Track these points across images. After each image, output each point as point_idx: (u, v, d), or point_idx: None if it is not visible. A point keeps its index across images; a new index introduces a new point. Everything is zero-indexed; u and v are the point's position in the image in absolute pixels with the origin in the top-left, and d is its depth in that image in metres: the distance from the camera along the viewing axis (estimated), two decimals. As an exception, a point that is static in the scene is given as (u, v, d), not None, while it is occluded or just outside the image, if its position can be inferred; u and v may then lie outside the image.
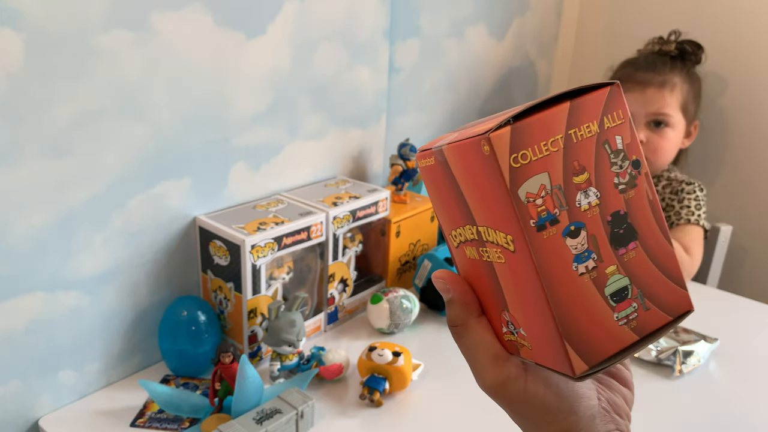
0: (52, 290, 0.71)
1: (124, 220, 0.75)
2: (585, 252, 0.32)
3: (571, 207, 0.32)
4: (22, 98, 0.63)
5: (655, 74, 1.21)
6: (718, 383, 0.84)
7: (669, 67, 1.22)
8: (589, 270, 0.32)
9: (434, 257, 0.96)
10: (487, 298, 0.37)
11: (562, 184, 0.32)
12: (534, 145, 0.31)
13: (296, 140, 0.95)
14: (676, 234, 1.17)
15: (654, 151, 1.21)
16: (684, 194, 1.20)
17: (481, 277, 0.36)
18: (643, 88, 1.21)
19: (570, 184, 0.32)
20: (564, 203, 0.32)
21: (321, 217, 0.86)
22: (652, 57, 1.25)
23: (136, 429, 0.72)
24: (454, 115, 1.34)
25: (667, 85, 1.20)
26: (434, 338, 0.91)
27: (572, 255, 0.32)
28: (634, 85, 1.22)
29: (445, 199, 0.37)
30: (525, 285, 0.33)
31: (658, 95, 1.19)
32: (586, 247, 0.32)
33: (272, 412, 0.68)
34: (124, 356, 0.80)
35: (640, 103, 1.20)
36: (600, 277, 0.32)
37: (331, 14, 0.94)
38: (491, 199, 0.32)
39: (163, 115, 0.76)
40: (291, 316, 0.77)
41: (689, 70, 1.24)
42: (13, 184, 0.65)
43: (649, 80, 1.20)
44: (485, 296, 0.37)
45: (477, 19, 1.30)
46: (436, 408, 0.77)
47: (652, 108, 1.19)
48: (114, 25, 0.68)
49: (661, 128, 1.19)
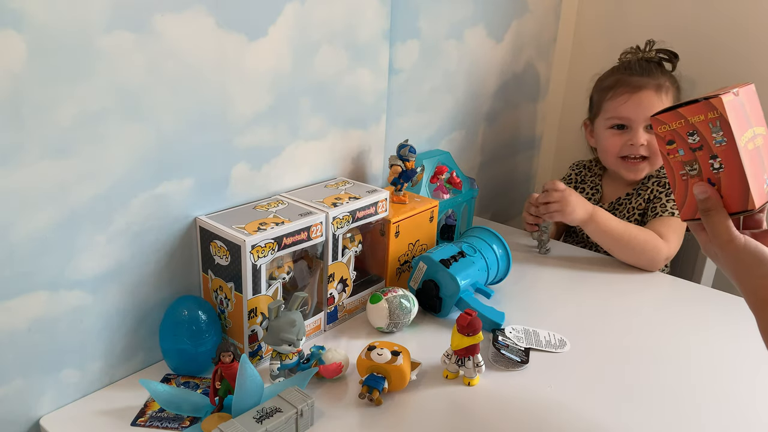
0: (54, 289, 0.71)
1: (126, 221, 0.76)
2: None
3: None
4: (25, 99, 0.64)
5: (650, 79, 1.22)
6: (717, 382, 0.85)
7: (660, 71, 1.25)
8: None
9: (429, 259, 0.97)
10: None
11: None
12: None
13: (297, 141, 0.96)
14: (657, 224, 1.19)
15: (655, 152, 1.23)
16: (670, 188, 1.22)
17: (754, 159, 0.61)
18: (638, 90, 1.22)
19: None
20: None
21: (321, 218, 0.86)
22: (640, 62, 1.27)
23: (137, 428, 0.72)
24: (454, 116, 1.34)
25: (663, 88, 1.22)
26: (433, 337, 0.92)
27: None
28: (630, 89, 1.23)
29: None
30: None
31: (656, 98, 1.21)
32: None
33: (272, 411, 0.68)
34: (125, 355, 0.81)
35: (640, 106, 1.22)
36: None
37: (331, 16, 0.95)
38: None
39: (165, 116, 0.77)
40: (291, 316, 0.78)
41: (671, 74, 1.27)
42: (17, 184, 0.65)
43: (644, 84, 1.22)
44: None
45: (476, 20, 1.31)
46: (435, 407, 0.78)
47: (651, 113, 1.20)
48: (116, 26, 0.69)
49: None
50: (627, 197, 1.29)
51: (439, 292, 0.96)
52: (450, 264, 0.96)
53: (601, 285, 1.11)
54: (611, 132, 1.26)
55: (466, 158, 1.43)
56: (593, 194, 1.36)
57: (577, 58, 1.63)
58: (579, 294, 1.08)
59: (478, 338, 0.79)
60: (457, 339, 0.80)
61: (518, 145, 1.62)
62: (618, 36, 1.52)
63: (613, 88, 1.26)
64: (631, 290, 1.10)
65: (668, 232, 1.17)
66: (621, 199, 1.30)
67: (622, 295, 1.08)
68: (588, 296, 1.07)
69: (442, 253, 0.98)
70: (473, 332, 0.79)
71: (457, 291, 0.94)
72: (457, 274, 0.94)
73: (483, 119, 1.44)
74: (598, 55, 1.57)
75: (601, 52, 1.56)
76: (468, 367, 0.81)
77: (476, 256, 1.00)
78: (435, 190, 1.17)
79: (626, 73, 1.26)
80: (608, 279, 1.13)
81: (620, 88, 1.25)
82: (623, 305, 1.04)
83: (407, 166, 1.04)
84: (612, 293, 1.08)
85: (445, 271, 0.95)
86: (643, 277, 1.15)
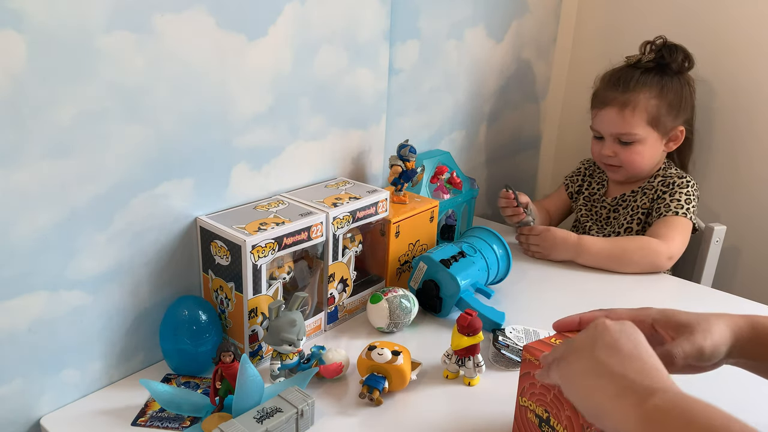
0: (54, 289, 0.71)
1: (126, 221, 0.76)
2: None
3: None
4: (25, 99, 0.64)
5: (617, 93, 1.22)
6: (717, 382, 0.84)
7: (635, 82, 1.21)
8: None
9: (429, 259, 0.97)
10: None
11: None
12: None
13: (297, 141, 0.96)
14: (660, 225, 1.19)
15: (625, 163, 1.25)
16: (676, 187, 1.22)
17: None
18: (604, 107, 1.24)
19: None
20: None
21: (321, 218, 0.86)
22: (621, 72, 1.25)
23: (137, 428, 0.72)
24: (454, 116, 1.34)
25: (629, 105, 1.21)
26: (433, 337, 0.92)
27: None
28: (598, 103, 1.26)
29: None
30: None
31: (618, 117, 1.22)
32: None
33: (272, 411, 0.68)
34: (125, 355, 0.81)
35: (603, 122, 1.25)
36: None
37: (331, 16, 0.95)
38: None
39: (165, 116, 0.77)
40: (291, 316, 0.78)
41: (664, 81, 1.22)
42: (17, 184, 0.65)
43: (611, 100, 1.23)
44: None
45: (476, 21, 1.31)
46: (435, 407, 0.78)
47: (614, 129, 1.24)
48: (116, 26, 0.69)
49: (628, 145, 1.23)
50: (632, 194, 1.29)
51: (440, 292, 0.96)
52: (450, 264, 0.96)
53: (601, 285, 1.11)
54: (593, 139, 1.31)
55: (467, 158, 1.43)
56: (599, 189, 1.37)
57: (577, 58, 1.63)
58: (579, 294, 1.07)
59: (478, 338, 0.79)
60: (457, 339, 0.80)
61: (518, 145, 1.62)
62: (618, 36, 1.52)
63: (592, 100, 1.30)
64: (631, 290, 1.10)
65: (670, 232, 1.17)
66: (625, 195, 1.31)
67: (622, 295, 1.08)
68: (588, 296, 1.07)
69: (442, 253, 0.98)
70: (473, 332, 0.79)
71: (458, 291, 0.94)
72: (458, 274, 0.94)
73: (483, 119, 1.44)
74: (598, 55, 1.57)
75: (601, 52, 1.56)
76: (468, 367, 0.81)
77: (476, 256, 1.00)
78: (435, 190, 1.17)
79: (604, 83, 1.27)
80: (608, 279, 1.13)
81: (594, 101, 1.29)
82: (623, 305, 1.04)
83: (407, 166, 1.04)
84: (612, 293, 1.08)
85: (445, 271, 0.95)
86: (643, 277, 1.15)
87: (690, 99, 1.26)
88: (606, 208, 1.34)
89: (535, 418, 0.65)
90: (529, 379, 0.65)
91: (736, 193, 1.43)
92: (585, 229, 1.36)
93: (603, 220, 1.34)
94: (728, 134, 1.41)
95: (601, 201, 1.35)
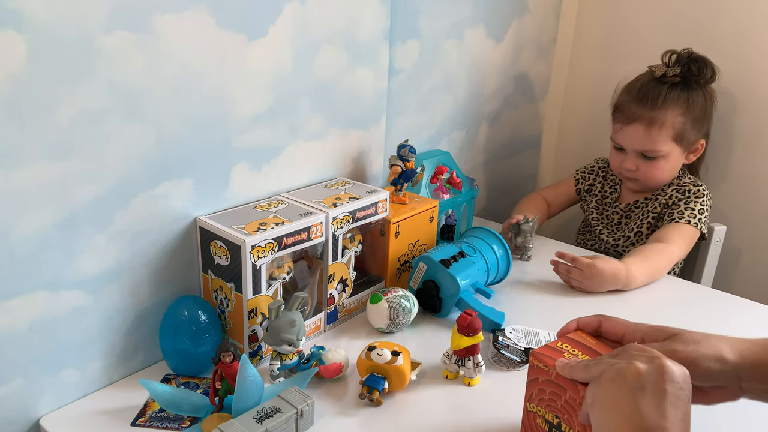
0: (54, 289, 0.71)
1: (126, 221, 0.76)
2: None
3: None
4: (25, 99, 0.64)
5: (645, 110, 1.20)
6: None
7: (663, 98, 1.19)
8: None
9: (429, 259, 0.97)
10: None
11: None
12: None
13: (297, 141, 0.96)
14: (670, 229, 1.18)
15: (645, 176, 1.24)
16: (692, 195, 1.21)
17: None
18: (630, 123, 1.22)
19: None
20: None
21: (321, 218, 0.86)
22: (648, 88, 1.21)
23: (137, 428, 0.72)
24: (454, 116, 1.34)
25: (656, 123, 1.19)
26: (433, 338, 0.92)
27: None
28: (624, 118, 1.23)
29: None
30: None
31: (645, 134, 1.20)
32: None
33: (272, 411, 0.68)
34: (125, 355, 0.81)
35: (628, 138, 1.23)
36: None
37: (331, 16, 0.95)
38: None
39: (165, 116, 0.77)
40: (291, 316, 0.78)
41: (690, 96, 1.20)
42: (17, 184, 0.65)
43: (638, 117, 1.20)
44: None
45: (476, 21, 1.31)
46: (435, 407, 0.78)
47: (639, 146, 1.22)
48: (116, 26, 0.69)
49: (651, 160, 1.22)
50: (645, 201, 1.28)
51: (439, 292, 0.96)
52: (450, 264, 0.96)
53: (601, 285, 1.11)
54: (613, 149, 1.29)
55: (466, 158, 1.43)
56: (611, 193, 1.36)
57: (577, 58, 1.63)
58: (579, 294, 1.07)
59: (478, 338, 0.79)
60: (457, 339, 0.80)
61: (518, 145, 1.62)
62: (618, 36, 1.52)
63: (615, 112, 1.27)
64: (631, 290, 1.10)
65: (678, 238, 1.16)
66: (638, 202, 1.29)
67: (622, 295, 1.08)
68: (588, 296, 1.07)
69: (442, 253, 0.98)
70: (473, 332, 0.79)
71: (457, 291, 0.94)
72: (457, 274, 0.94)
73: (483, 119, 1.44)
74: (598, 55, 1.57)
75: (601, 52, 1.56)
76: (468, 367, 0.81)
77: (476, 257, 1.00)
78: (435, 190, 1.17)
79: (630, 97, 1.23)
80: (608, 279, 1.13)
81: (618, 115, 1.26)
82: (623, 305, 1.04)
83: (407, 166, 1.04)
84: (612, 293, 1.08)
85: (445, 271, 0.95)
86: (643, 277, 1.15)
87: (711, 111, 1.25)
88: (618, 213, 1.33)
89: (545, 424, 0.65)
90: (537, 385, 0.65)
91: (735, 193, 1.43)
92: (595, 233, 1.35)
93: (614, 224, 1.33)
94: (728, 135, 1.40)
95: (613, 206, 1.34)
